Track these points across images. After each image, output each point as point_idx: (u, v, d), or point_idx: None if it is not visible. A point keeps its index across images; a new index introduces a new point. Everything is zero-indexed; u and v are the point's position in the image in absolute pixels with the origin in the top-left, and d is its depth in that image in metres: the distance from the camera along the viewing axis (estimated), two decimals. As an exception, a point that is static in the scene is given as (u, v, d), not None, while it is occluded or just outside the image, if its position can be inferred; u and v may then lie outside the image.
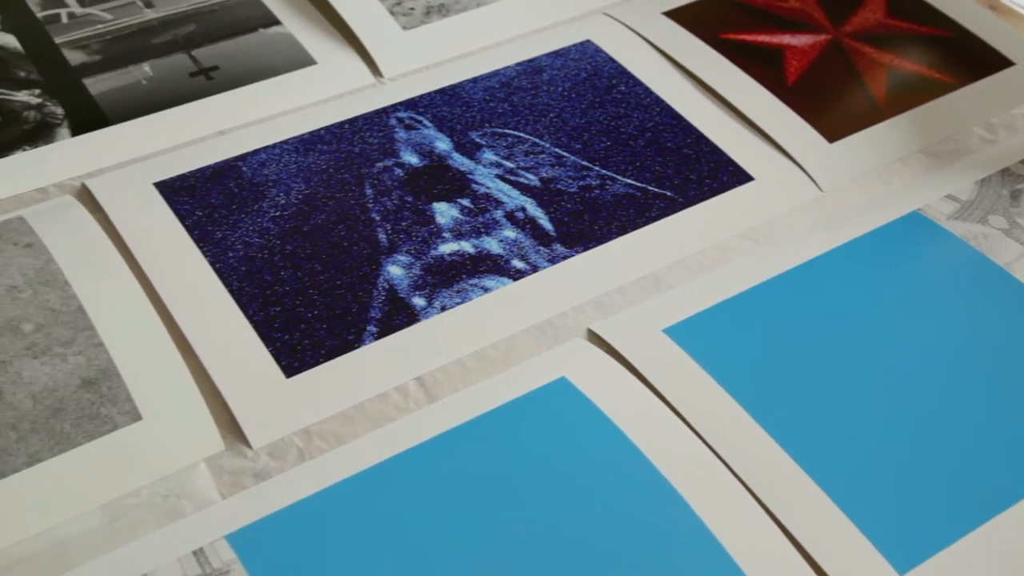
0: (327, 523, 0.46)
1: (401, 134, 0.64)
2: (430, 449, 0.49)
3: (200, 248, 0.57)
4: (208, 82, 0.66)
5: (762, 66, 0.70)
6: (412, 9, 0.72)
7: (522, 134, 0.65)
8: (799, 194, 0.64)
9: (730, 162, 0.64)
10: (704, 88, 0.69)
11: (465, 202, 0.61)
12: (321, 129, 0.64)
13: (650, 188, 0.62)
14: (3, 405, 0.48)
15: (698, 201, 0.62)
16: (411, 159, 0.63)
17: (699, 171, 0.64)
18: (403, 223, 0.59)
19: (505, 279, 0.57)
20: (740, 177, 0.64)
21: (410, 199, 0.61)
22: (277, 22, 0.71)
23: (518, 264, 0.58)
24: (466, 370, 0.53)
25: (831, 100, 0.69)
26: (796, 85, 0.69)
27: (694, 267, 0.59)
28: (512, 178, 0.62)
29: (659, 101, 0.68)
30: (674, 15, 0.74)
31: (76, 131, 0.62)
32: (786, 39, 0.72)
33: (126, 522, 0.46)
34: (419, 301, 0.56)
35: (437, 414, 0.51)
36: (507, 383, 0.52)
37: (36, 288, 0.53)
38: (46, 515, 0.46)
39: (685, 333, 0.55)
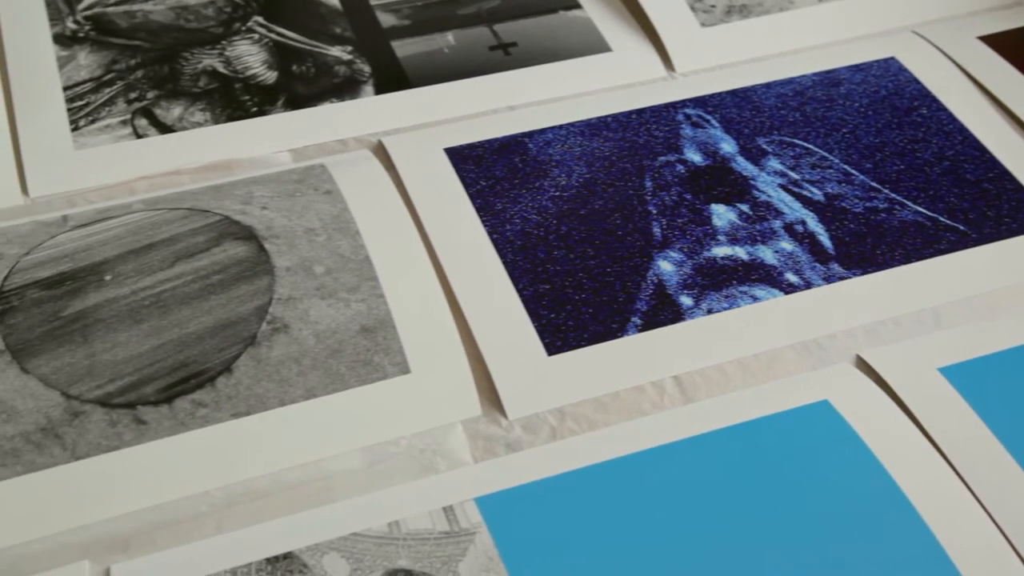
0: (572, 504, 0.47)
1: (687, 131, 0.64)
2: (681, 449, 0.49)
3: (480, 217, 0.58)
4: (505, 57, 0.68)
5: (1083, 105, 0.65)
6: (713, 7, 0.72)
7: (811, 146, 0.63)
8: (1108, 247, 0.59)
9: (1034, 203, 0.60)
10: (1016, 122, 0.65)
11: (744, 207, 0.60)
12: (608, 116, 0.65)
13: (941, 219, 0.59)
14: (289, 339, 0.51)
15: (993, 240, 0.58)
16: (694, 157, 0.62)
17: (998, 208, 0.60)
18: (679, 220, 0.59)
19: (776, 291, 0.56)
20: (1043, 220, 0.60)
21: (689, 197, 0.60)
22: (577, 6, 0.72)
23: (791, 278, 0.56)
24: (725, 376, 0.53)
25: None
26: (1121, 130, 0.64)
27: (981, 308, 0.56)
28: (795, 189, 0.61)
29: (963, 129, 0.64)
30: (990, 40, 0.70)
31: (379, 90, 0.65)
32: (1115, 79, 0.67)
33: (384, 468, 0.48)
34: (686, 300, 0.55)
35: (692, 415, 0.51)
36: (767, 396, 0.51)
37: (330, 233, 0.56)
38: (313, 448, 0.49)
39: (963, 375, 0.52)
